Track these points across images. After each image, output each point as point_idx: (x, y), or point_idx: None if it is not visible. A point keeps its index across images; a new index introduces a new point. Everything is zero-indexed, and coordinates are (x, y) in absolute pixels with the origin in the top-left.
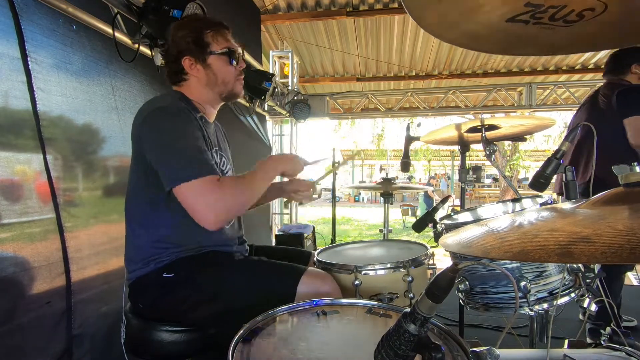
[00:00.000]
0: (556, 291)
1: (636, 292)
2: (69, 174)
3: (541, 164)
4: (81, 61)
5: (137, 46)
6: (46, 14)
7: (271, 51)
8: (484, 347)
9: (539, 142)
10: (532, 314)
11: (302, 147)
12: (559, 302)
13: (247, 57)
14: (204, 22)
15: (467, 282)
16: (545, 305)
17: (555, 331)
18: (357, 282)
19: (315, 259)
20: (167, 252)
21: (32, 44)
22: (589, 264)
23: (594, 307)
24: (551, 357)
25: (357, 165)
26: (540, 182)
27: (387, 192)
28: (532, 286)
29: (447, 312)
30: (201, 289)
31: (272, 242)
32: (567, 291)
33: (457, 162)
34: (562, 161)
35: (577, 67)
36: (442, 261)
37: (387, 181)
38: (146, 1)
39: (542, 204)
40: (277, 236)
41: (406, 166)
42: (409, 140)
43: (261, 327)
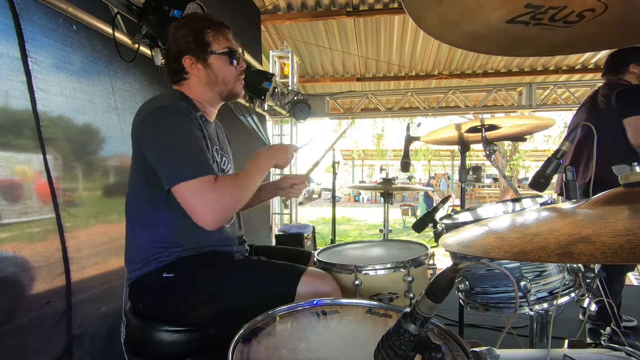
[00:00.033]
0: (556, 291)
1: (636, 292)
2: (69, 174)
3: (541, 164)
4: (81, 61)
5: (137, 46)
6: (46, 14)
7: (271, 51)
8: (484, 347)
9: (539, 142)
10: (532, 313)
11: (307, 147)
12: (559, 302)
13: (247, 57)
14: (205, 21)
15: (467, 282)
16: (545, 305)
17: (555, 331)
18: (357, 282)
19: (315, 259)
20: (167, 252)
21: (32, 44)
22: (589, 264)
23: (594, 307)
24: (551, 357)
25: (357, 165)
26: (540, 182)
27: (387, 192)
28: (532, 286)
29: (447, 312)
30: (201, 289)
31: (272, 242)
32: (567, 291)
33: (457, 162)
34: (562, 161)
35: (577, 67)
36: (442, 261)
37: (387, 181)
38: (146, 1)
39: (542, 204)
40: (277, 236)
41: (406, 166)
42: (409, 140)
43: (261, 327)
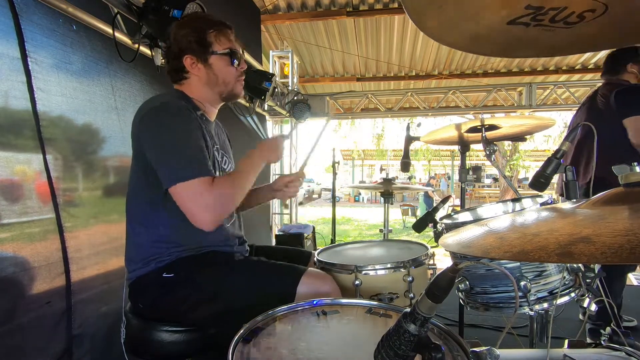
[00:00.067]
0: (556, 291)
1: (636, 292)
2: (68, 174)
3: (541, 164)
4: (81, 61)
5: (137, 46)
6: (46, 14)
7: (271, 51)
8: (484, 347)
9: (539, 142)
10: (532, 313)
11: (302, 147)
12: (559, 301)
13: (247, 57)
14: (207, 21)
15: (467, 282)
16: (545, 305)
17: (555, 331)
18: (357, 282)
19: (315, 259)
20: (167, 251)
21: (32, 44)
22: (589, 264)
23: (594, 307)
24: (551, 357)
25: (357, 165)
26: (540, 182)
27: (387, 192)
28: (532, 286)
29: (447, 312)
30: (201, 289)
31: (272, 242)
32: (567, 291)
33: (457, 162)
34: (562, 161)
35: (577, 67)
36: (442, 261)
37: (387, 181)
38: (146, 1)
39: (542, 204)
40: (277, 236)
41: (406, 166)
42: (409, 140)
43: (261, 327)
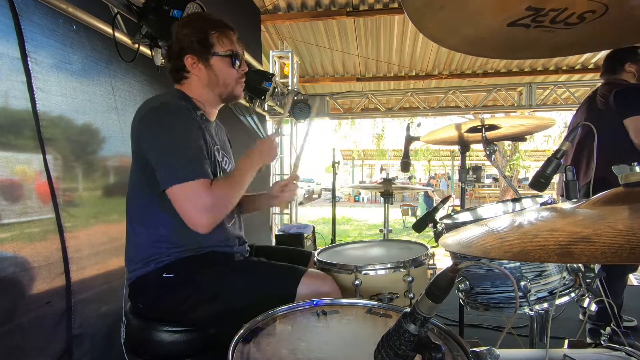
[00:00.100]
0: (556, 291)
1: (636, 292)
2: (68, 174)
3: (541, 164)
4: (81, 61)
5: (137, 46)
6: (46, 14)
7: (271, 51)
8: (484, 347)
9: (539, 142)
10: (532, 313)
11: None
12: (559, 301)
13: (247, 57)
14: (210, 22)
15: (467, 282)
16: (545, 304)
17: (555, 331)
18: (357, 282)
19: (315, 259)
20: (167, 252)
21: (32, 44)
22: (589, 264)
23: (594, 307)
24: (551, 357)
25: (357, 165)
26: (540, 182)
27: (387, 192)
28: (532, 286)
29: (447, 312)
30: (201, 290)
31: (272, 242)
32: (567, 291)
33: (457, 162)
34: (562, 161)
35: (577, 67)
36: (442, 261)
37: (387, 181)
38: (146, 1)
39: (542, 204)
40: (277, 236)
41: (406, 166)
42: (409, 140)
43: (261, 327)
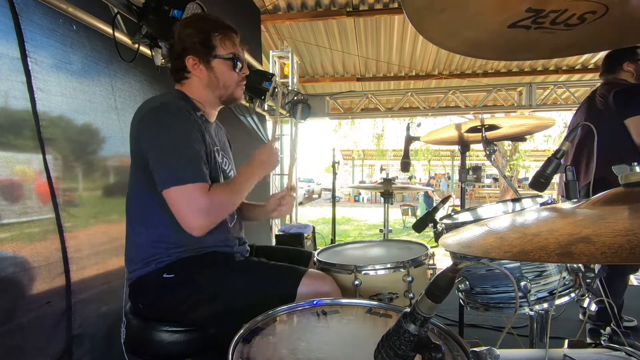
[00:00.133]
0: (556, 291)
1: (636, 292)
2: (68, 174)
3: (541, 164)
4: (81, 61)
5: (137, 46)
6: (46, 14)
7: (271, 51)
8: (484, 347)
9: (539, 142)
10: (532, 313)
11: (302, 147)
12: (559, 302)
13: (247, 57)
14: (214, 23)
15: (467, 282)
16: (545, 305)
17: (555, 331)
18: (357, 282)
19: (315, 259)
20: (167, 252)
21: (32, 44)
22: (589, 264)
23: (594, 307)
24: (551, 357)
25: (357, 165)
26: (540, 182)
27: (387, 192)
28: (533, 286)
29: (447, 312)
30: (201, 290)
31: (272, 242)
32: (567, 291)
33: (457, 162)
34: (562, 162)
35: (577, 67)
36: (442, 261)
37: (387, 181)
38: (146, 1)
39: (542, 204)
40: (277, 236)
41: (406, 166)
42: (409, 140)
43: (261, 327)
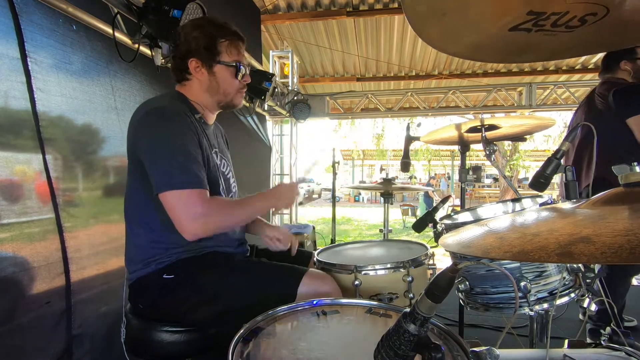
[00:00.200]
0: (556, 291)
1: (636, 292)
2: (68, 174)
3: (541, 164)
4: (81, 61)
5: (137, 46)
6: (46, 14)
7: (271, 51)
8: (484, 347)
9: (539, 142)
10: (532, 314)
11: (302, 147)
12: (559, 302)
13: (247, 57)
14: (221, 29)
15: (467, 282)
16: (545, 305)
17: (555, 331)
18: (357, 282)
19: (315, 259)
20: (167, 252)
21: (31, 44)
22: (589, 264)
23: (593, 307)
24: (551, 357)
25: (357, 165)
26: (540, 182)
27: (387, 192)
28: (532, 286)
29: (447, 312)
30: (201, 290)
31: None
32: (567, 291)
33: (457, 162)
34: (561, 162)
35: (577, 67)
36: (442, 261)
37: (387, 181)
38: (146, 1)
39: (542, 204)
40: None
41: (406, 166)
42: (409, 140)
43: (261, 327)
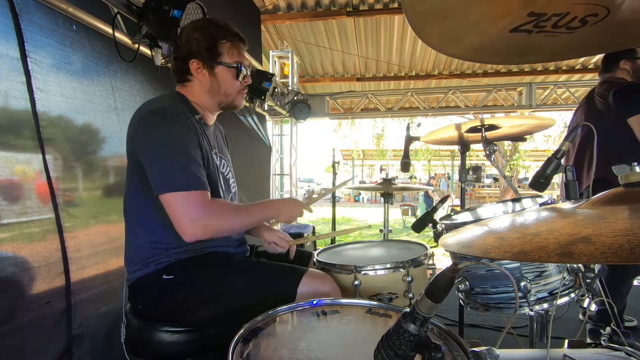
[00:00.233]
0: (556, 291)
1: (636, 292)
2: (68, 174)
3: (541, 164)
4: (81, 61)
5: (137, 46)
6: (46, 14)
7: (271, 51)
8: (484, 347)
9: (539, 142)
10: (532, 314)
11: (302, 147)
12: (559, 302)
13: (247, 57)
14: (222, 30)
15: (467, 282)
16: (545, 305)
17: (555, 331)
18: (356, 282)
19: (314, 259)
20: (166, 253)
21: (31, 44)
22: (589, 264)
23: (593, 307)
24: (551, 357)
25: (357, 165)
26: (540, 182)
27: (387, 192)
28: (532, 286)
29: (447, 312)
30: (201, 291)
31: None
32: (567, 291)
33: (457, 162)
34: (561, 162)
35: (577, 67)
36: (442, 261)
37: (387, 181)
38: (146, 1)
39: (542, 204)
40: None
41: (406, 166)
42: (409, 140)
43: (261, 327)
